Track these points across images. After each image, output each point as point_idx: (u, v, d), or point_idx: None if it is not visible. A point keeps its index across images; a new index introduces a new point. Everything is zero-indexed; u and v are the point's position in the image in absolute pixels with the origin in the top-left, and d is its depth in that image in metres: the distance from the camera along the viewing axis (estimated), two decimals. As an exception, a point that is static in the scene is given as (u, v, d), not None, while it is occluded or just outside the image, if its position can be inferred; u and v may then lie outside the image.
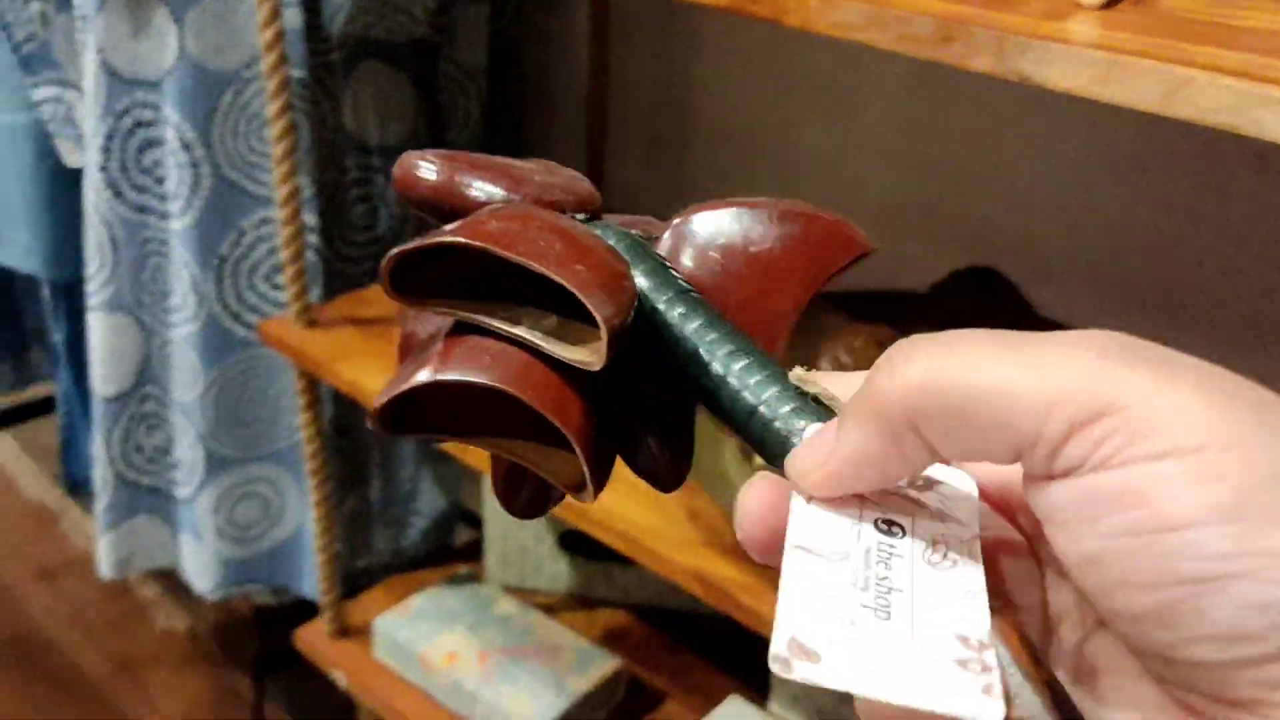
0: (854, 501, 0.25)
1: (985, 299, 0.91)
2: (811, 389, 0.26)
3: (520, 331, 0.26)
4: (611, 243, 0.29)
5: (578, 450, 0.25)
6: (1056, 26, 0.55)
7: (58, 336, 1.44)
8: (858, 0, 0.57)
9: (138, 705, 1.63)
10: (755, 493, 0.26)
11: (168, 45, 1.09)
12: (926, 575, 0.24)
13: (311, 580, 1.30)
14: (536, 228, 0.26)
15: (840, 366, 0.85)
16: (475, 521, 1.50)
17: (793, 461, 0.25)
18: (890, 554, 0.24)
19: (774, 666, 0.22)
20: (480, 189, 0.28)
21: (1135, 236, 0.96)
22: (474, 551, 1.38)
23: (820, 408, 0.26)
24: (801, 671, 0.22)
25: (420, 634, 1.19)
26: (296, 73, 1.09)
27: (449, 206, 0.28)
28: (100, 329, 1.20)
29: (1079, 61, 0.51)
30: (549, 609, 1.25)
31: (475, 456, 0.96)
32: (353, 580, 1.35)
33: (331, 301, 1.15)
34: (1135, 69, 0.49)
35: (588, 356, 0.25)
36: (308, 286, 1.08)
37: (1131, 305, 0.98)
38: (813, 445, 0.25)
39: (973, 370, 0.22)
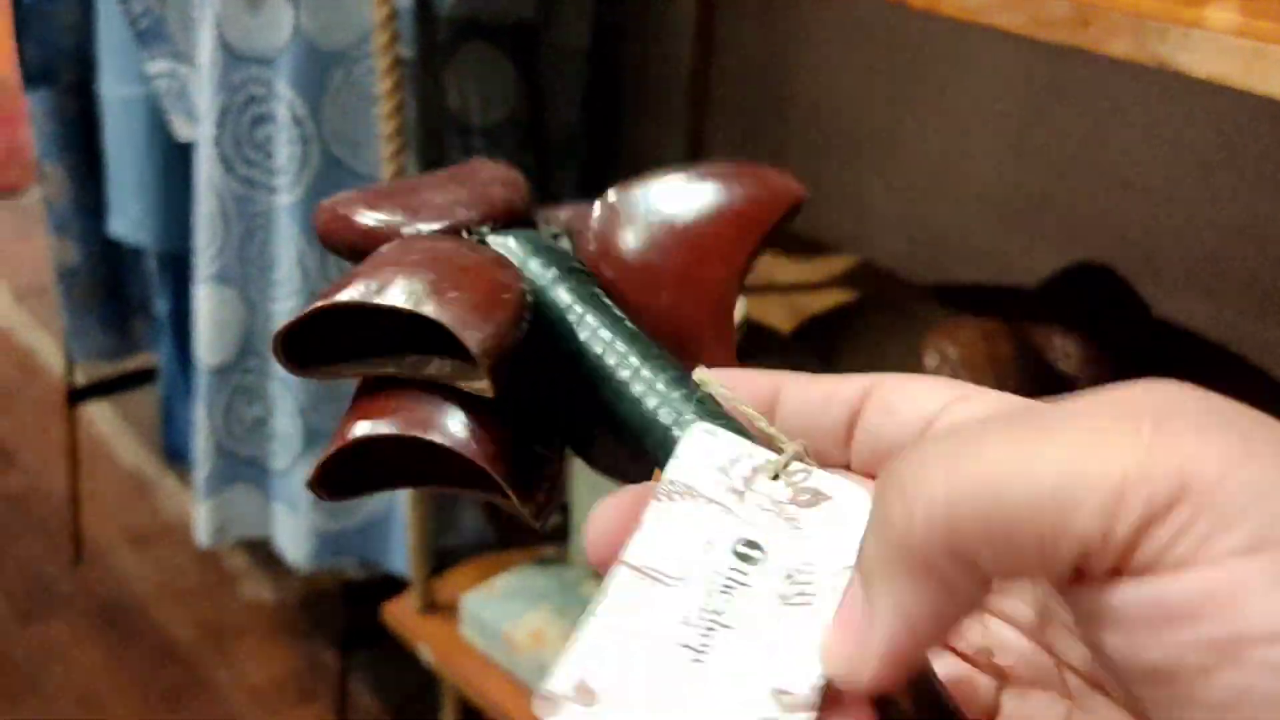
0: (719, 514, 0.23)
1: (1097, 297, 0.88)
2: (708, 388, 0.25)
3: (428, 372, 0.26)
4: (513, 246, 0.28)
5: (498, 479, 0.25)
6: (1196, 12, 0.53)
7: (162, 308, 1.48)
8: (993, -20, 0.56)
9: (224, 673, 1.66)
10: (612, 507, 0.23)
11: (283, 22, 1.11)
12: (769, 614, 0.22)
13: (401, 556, 1.31)
14: (410, 265, 0.26)
15: (945, 359, 0.83)
16: (561, 505, 1.51)
17: (827, 658, 0.21)
18: (736, 584, 0.22)
19: (538, 707, 0.20)
20: (377, 220, 0.29)
21: (1258, 234, 0.93)
22: (559, 535, 1.38)
23: (707, 407, 0.25)
24: (568, 715, 0.20)
25: (506, 613, 1.20)
26: (405, 52, 1.10)
27: (354, 245, 0.29)
28: (207, 301, 1.23)
29: (1223, 49, 0.49)
30: (633, 594, 1.25)
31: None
32: (438, 558, 1.36)
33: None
34: (1288, 55, 0.47)
35: (482, 384, 0.25)
36: (409, 264, 1.09)
37: (1251, 307, 0.95)
38: (842, 629, 0.21)
39: (1006, 473, 0.18)
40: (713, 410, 0.25)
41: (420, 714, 1.55)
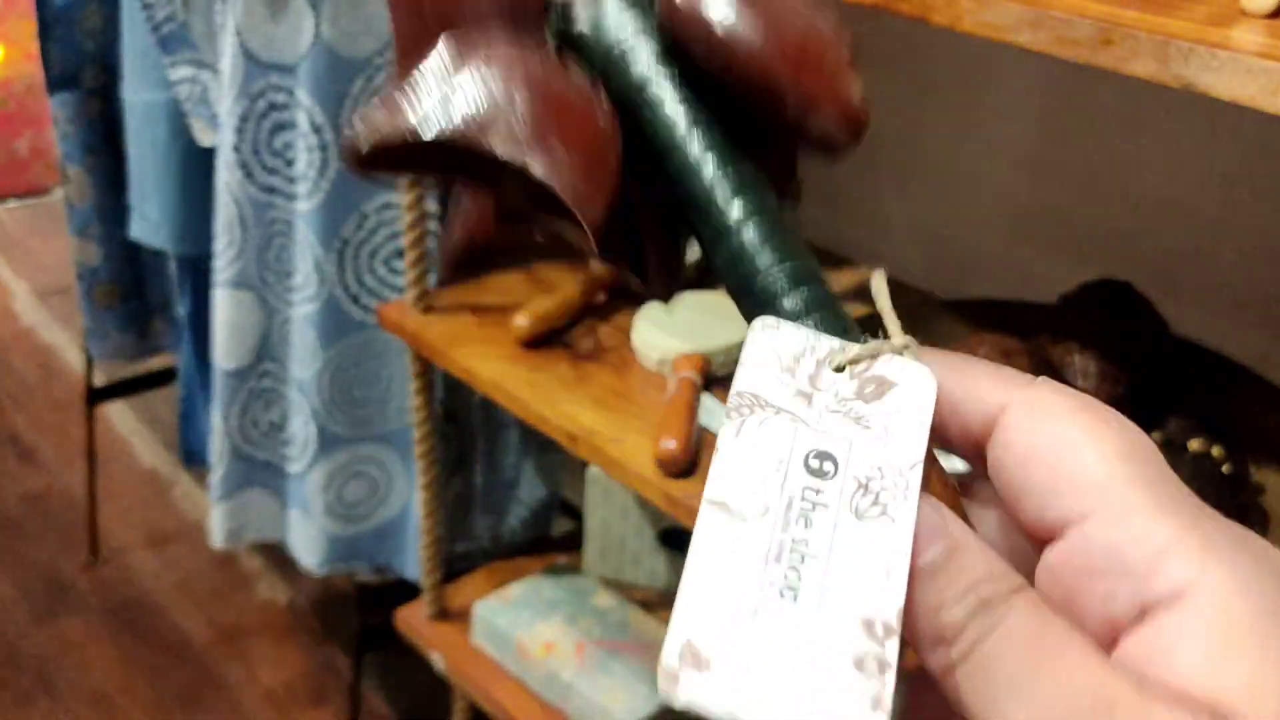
0: (788, 428, 0.22)
1: (1116, 314, 0.88)
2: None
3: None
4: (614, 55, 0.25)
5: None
6: (1221, 33, 0.53)
7: (182, 310, 1.49)
8: (1012, 1, 0.56)
9: (238, 673, 1.67)
10: None
11: (304, 30, 1.12)
12: (848, 533, 0.21)
13: (414, 561, 1.32)
14: (504, 94, 0.23)
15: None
16: (574, 512, 1.51)
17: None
18: (814, 504, 0.21)
19: (662, 685, 0.19)
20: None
21: (1278, 254, 0.92)
22: (571, 542, 1.38)
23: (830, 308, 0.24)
24: (688, 690, 0.19)
25: (519, 622, 1.20)
26: (425, 61, 1.11)
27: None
28: (225, 304, 1.24)
29: (1247, 71, 0.49)
30: (645, 604, 1.25)
31: (583, 446, 0.97)
32: (451, 564, 1.36)
33: (449, 288, 1.16)
34: (1315, 79, 0.47)
35: (589, 244, 0.23)
36: (426, 272, 1.10)
37: (1270, 325, 0.94)
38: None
39: None
40: (806, 279, 0.24)
41: (432, 718, 1.55)
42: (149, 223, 1.40)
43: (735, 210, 0.24)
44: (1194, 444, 0.81)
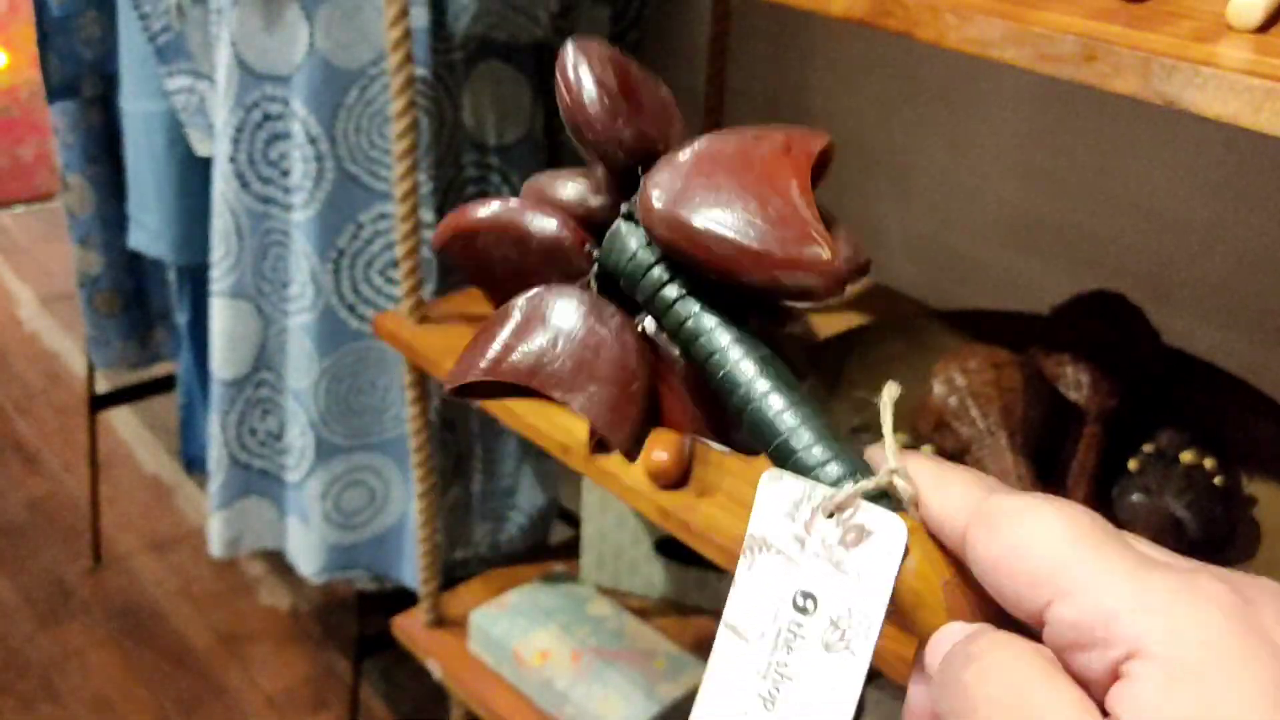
0: (784, 568, 0.27)
1: (1109, 325, 0.87)
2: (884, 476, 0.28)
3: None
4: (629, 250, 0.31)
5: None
6: (1206, 49, 0.53)
7: (181, 319, 1.49)
8: (996, 16, 0.56)
9: (239, 679, 1.68)
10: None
11: (299, 41, 1.12)
12: (818, 662, 0.26)
13: (412, 569, 1.32)
14: (551, 343, 0.31)
15: (954, 387, 0.83)
16: (572, 520, 1.51)
17: None
18: (796, 635, 0.26)
19: None
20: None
21: (1271, 262, 0.92)
22: (569, 550, 1.39)
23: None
24: None
25: (515, 629, 1.20)
26: (420, 71, 1.11)
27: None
28: (222, 314, 1.24)
29: (1231, 88, 0.49)
30: (642, 612, 1.25)
31: (576, 458, 0.97)
32: (450, 571, 1.36)
33: (444, 298, 1.16)
34: (1294, 98, 0.47)
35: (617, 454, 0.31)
36: (421, 282, 1.10)
37: (1263, 335, 0.94)
38: None
39: None
40: (821, 432, 0.29)
41: (431, 725, 1.56)
42: (148, 232, 1.40)
43: (759, 386, 0.29)
44: (1186, 456, 0.81)
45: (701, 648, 1.22)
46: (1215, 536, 0.77)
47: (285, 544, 1.38)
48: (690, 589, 1.28)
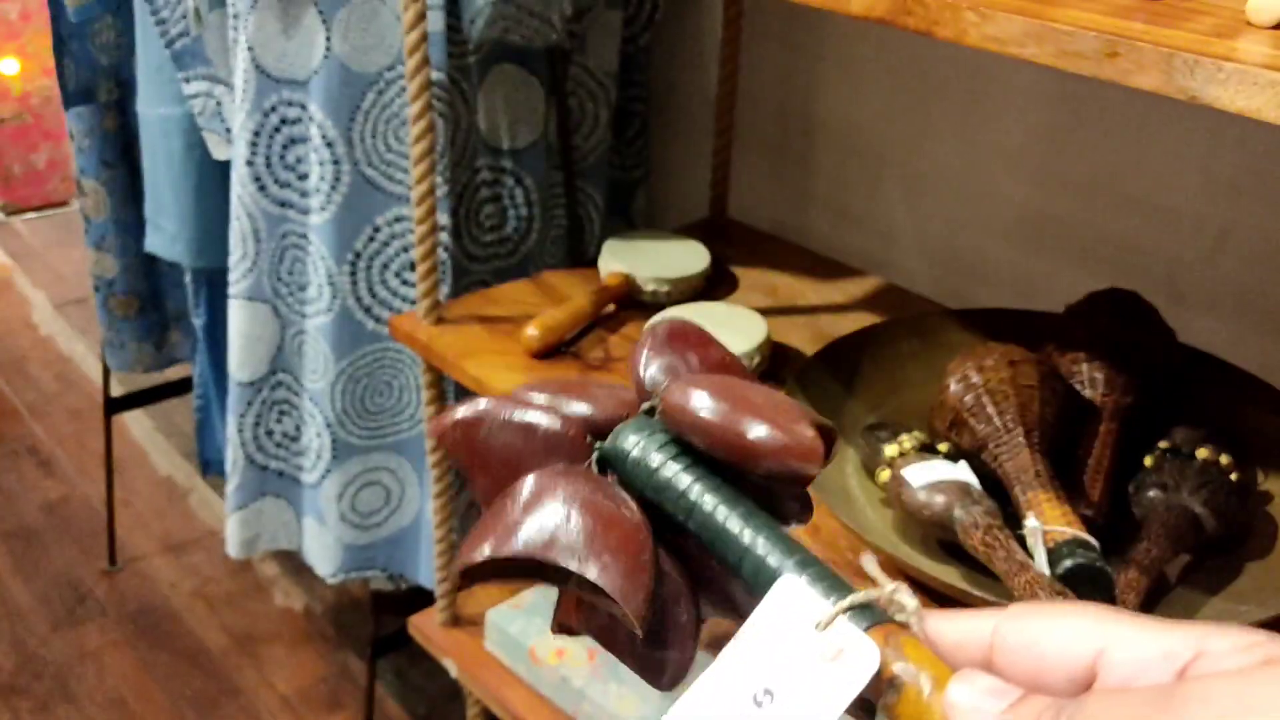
0: (760, 662, 0.29)
1: (1123, 322, 0.88)
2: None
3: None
4: (639, 447, 0.34)
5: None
6: (1226, 45, 0.53)
7: (198, 321, 1.50)
8: (1016, 13, 0.56)
9: (254, 680, 1.68)
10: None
11: (316, 45, 1.13)
12: None
13: (428, 569, 1.32)
14: (563, 517, 0.32)
15: (969, 385, 0.83)
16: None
17: None
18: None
19: None
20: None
21: (1286, 262, 0.93)
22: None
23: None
24: None
25: (531, 628, 1.20)
26: (436, 75, 1.12)
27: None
28: (239, 316, 1.25)
29: (1255, 83, 0.49)
30: (658, 612, 1.26)
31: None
32: (466, 572, 1.37)
33: (459, 299, 1.17)
34: (1314, 94, 0.47)
35: (633, 626, 0.32)
36: (438, 284, 1.10)
37: (1276, 331, 0.94)
38: None
39: None
40: (808, 563, 0.30)
41: (446, 725, 1.56)
42: (164, 235, 1.41)
43: (746, 538, 0.32)
44: (1202, 452, 0.81)
45: (717, 644, 1.22)
46: (1232, 532, 0.78)
47: (301, 544, 1.38)
48: (705, 588, 1.28)
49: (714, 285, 1.16)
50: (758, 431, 0.32)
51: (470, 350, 1.07)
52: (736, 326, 1.03)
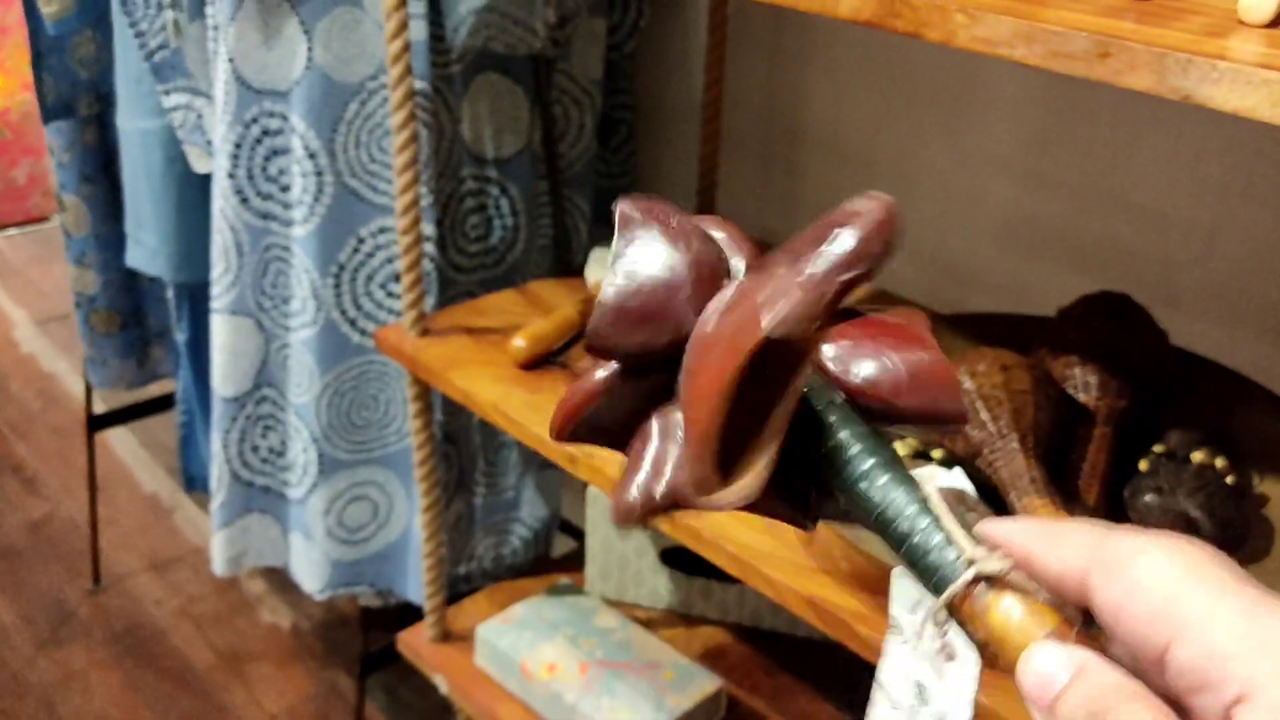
0: (909, 654, 0.31)
1: (1116, 326, 0.87)
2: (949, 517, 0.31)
3: None
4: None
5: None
6: (1219, 44, 0.52)
7: (180, 337, 1.49)
8: (1006, 14, 0.56)
9: (241, 698, 1.66)
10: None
11: (297, 56, 1.12)
12: None
13: (416, 584, 1.31)
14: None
15: (963, 391, 0.82)
16: (574, 533, 1.50)
17: None
18: (919, 712, 0.31)
19: None
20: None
21: (1275, 263, 0.92)
22: (573, 562, 1.38)
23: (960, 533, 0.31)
24: None
25: (522, 643, 1.19)
26: (419, 84, 1.11)
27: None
28: (222, 331, 1.24)
29: (1249, 81, 0.48)
30: (648, 623, 1.25)
31: (585, 469, 0.96)
32: (452, 586, 1.36)
33: (445, 310, 1.16)
34: (1312, 91, 0.46)
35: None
36: (423, 295, 1.09)
37: (1269, 335, 0.94)
38: None
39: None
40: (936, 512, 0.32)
41: (437, 742, 1.55)
42: (146, 250, 1.39)
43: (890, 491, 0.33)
44: (1197, 456, 0.80)
45: (709, 658, 1.22)
46: (1229, 536, 0.77)
47: (288, 561, 1.37)
48: (696, 599, 1.27)
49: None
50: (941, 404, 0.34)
51: (457, 362, 1.06)
52: None
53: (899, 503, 0.32)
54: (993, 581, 0.29)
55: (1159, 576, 0.25)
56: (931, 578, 0.31)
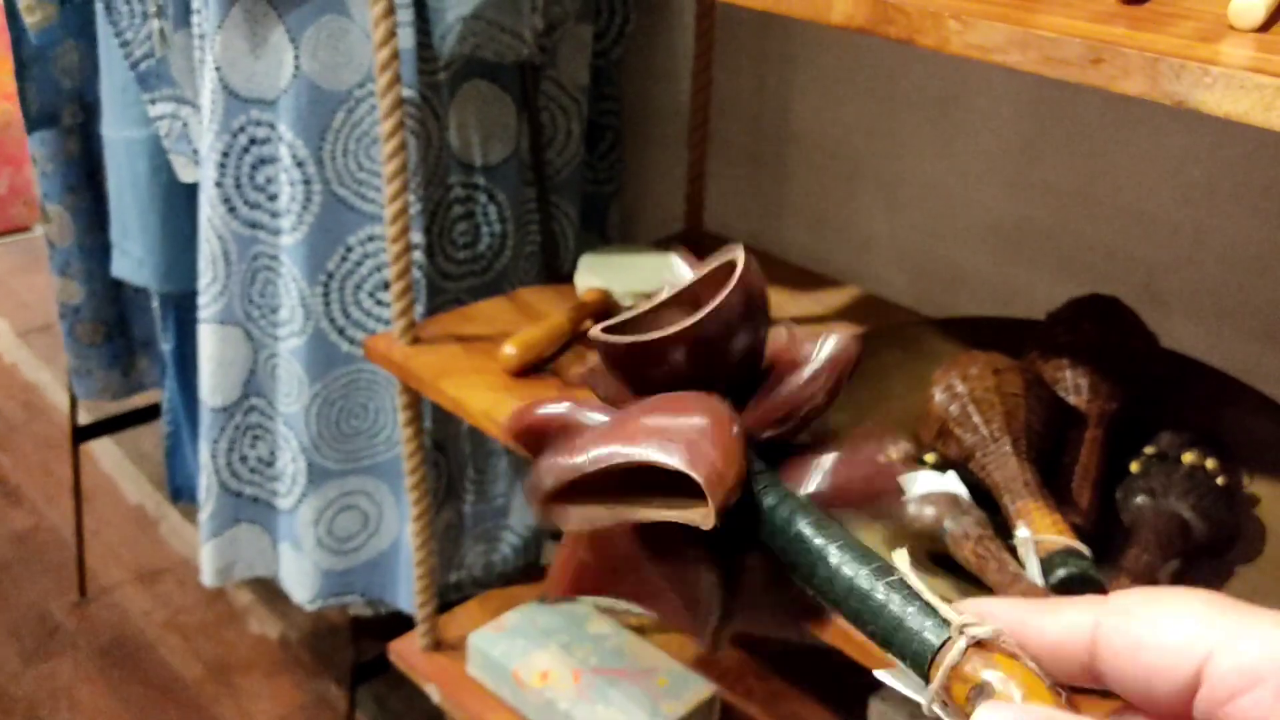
0: None
1: (1105, 329, 0.88)
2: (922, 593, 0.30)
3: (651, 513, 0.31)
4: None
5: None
6: (1210, 49, 0.53)
7: (166, 347, 1.48)
8: (999, 21, 0.56)
9: (231, 710, 1.65)
10: None
11: (284, 64, 1.11)
12: None
13: (407, 593, 1.30)
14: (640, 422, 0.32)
15: (955, 395, 0.82)
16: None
17: None
18: None
19: None
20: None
21: (1262, 263, 0.93)
22: (566, 569, 1.37)
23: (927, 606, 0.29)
24: None
25: (514, 651, 1.19)
26: (407, 92, 1.11)
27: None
28: (210, 341, 1.23)
29: (1241, 86, 0.49)
30: (641, 630, 1.25)
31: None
32: (443, 595, 1.35)
33: (435, 318, 1.16)
34: (1305, 95, 0.47)
35: (699, 517, 0.30)
36: (413, 304, 1.09)
37: (1256, 336, 0.94)
38: None
39: None
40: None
41: (428, 752, 1.54)
42: (131, 260, 1.39)
43: (864, 583, 0.31)
44: (1188, 457, 0.81)
45: (702, 664, 1.22)
46: (1221, 537, 0.77)
47: (278, 571, 1.36)
48: (689, 605, 1.27)
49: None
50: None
51: (447, 370, 1.05)
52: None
53: (869, 582, 0.30)
54: (980, 650, 0.28)
55: (1183, 605, 0.26)
56: (910, 650, 0.29)
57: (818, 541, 0.32)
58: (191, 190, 1.26)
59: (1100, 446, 0.82)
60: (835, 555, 0.31)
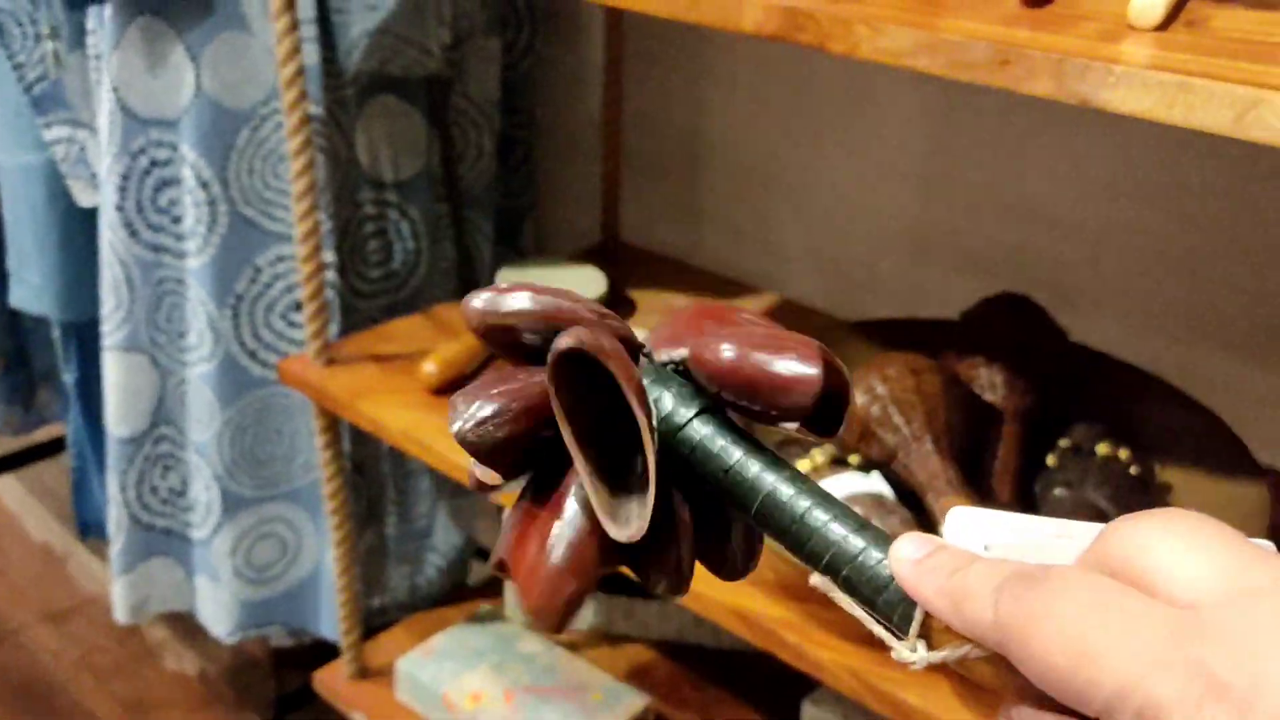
0: None
1: (1018, 326, 0.89)
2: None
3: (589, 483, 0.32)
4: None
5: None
6: (1113, 49, 0.54)
7: (68, 378, 1.43)
8: (907, 26, 0.56)
9: (149, 750, 1.60)
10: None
11: (184, 83, 1.08)
12: None
13: (330, 620, 1.28)
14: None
15: (875, 396, 0.83)
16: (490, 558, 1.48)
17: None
18: None
19: None
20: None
21: (1165, 258, 0.95)
22: (490, 590, 1.36)
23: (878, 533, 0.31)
24: None
25: (444, 674, 1.17)
26: (313, 109, 1.08)
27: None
28: (115, 369, 1.19)
29: (1144, 84, 0.50)
30: (572, 646, 1.23)
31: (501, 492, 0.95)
32: (368, 620, 1.33)
33: (349, 338, 1.14)
34: (1204, 91, 0.48)
35: (620, 531, 0.31)
36: (326, 324, 1.07)
37: (1161, 329, 0.97)
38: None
39: None
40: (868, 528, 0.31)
41: (357, 781, 1.50)
42: (29, 289, 1.34)
43: (802, 501, 0.32)
44: (1101, 448, 0.83)
45: (635, 676, 1.21)
46: (1137, 525, 0.79)
47: (194, 605, 1.32)
48: (618, 618, 1.26)
49: (611, 309, 1.15)
50: (766, 391, 0.32)
51: (364, 390, 1.04)
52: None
53: (815, 514, 0.31)
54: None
55: (1066, 610, 0.26)
56: (862, 583, 0.30)
57: (757, 471, 0.32)
58: (91, 215, 1.22)
59: (1018, 442, 0.83)
60: (768, 480, 0.32)
